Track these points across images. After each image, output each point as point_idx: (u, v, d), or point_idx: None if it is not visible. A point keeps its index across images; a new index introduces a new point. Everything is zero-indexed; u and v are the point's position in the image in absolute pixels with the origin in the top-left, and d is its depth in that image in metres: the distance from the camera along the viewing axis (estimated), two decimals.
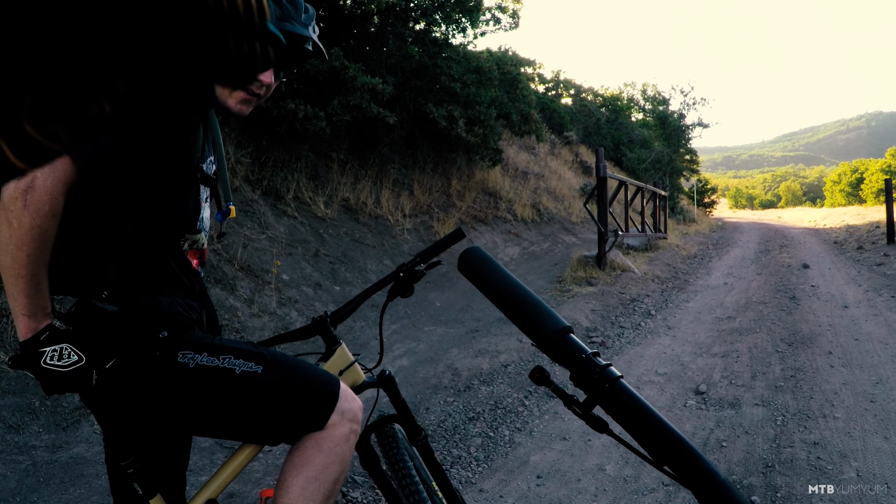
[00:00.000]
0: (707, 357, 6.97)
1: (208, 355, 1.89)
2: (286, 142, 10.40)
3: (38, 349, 1.62)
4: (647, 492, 4.01)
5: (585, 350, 0.91)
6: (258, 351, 1.99)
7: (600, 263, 12.16)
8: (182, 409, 1.90)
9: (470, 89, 12.87)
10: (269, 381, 1.92)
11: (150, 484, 1.94)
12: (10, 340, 5.00)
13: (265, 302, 7.31)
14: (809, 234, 25.22)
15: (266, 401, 1.93)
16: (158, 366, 1.86)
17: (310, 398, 1.97)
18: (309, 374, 2.03)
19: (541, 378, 0.96)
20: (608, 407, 0.87)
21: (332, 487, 1.97)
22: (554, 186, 19.91)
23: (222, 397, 1.89)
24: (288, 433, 1.98)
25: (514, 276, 1.02)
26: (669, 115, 36.02)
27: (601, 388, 0.87)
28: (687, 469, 0.81)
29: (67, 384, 1.66)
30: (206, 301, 2.19)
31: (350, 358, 2.35)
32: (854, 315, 8.60)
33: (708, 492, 0.79)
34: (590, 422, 0.91)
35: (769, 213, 72.84)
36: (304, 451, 1.96)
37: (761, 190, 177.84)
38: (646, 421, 0.84)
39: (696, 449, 0.81)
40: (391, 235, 11.00)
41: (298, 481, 1.92)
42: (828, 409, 5.22)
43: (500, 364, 6.55)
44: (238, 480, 4.04)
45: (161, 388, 1.86)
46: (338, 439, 1.98)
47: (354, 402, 2.08)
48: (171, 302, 1.93)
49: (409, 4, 12.59)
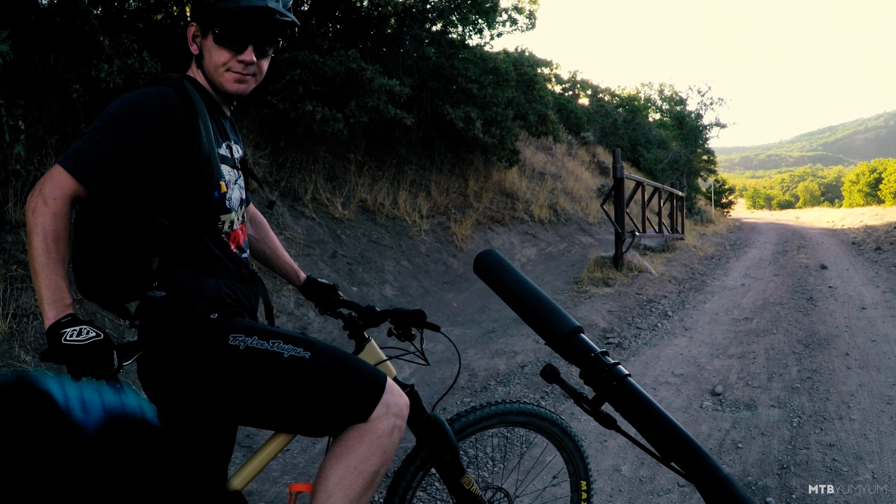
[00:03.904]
0: (723, 358, 6.96)
1: (258, 339, 1.95)
2: (304, 143, 10.45)
3: (59, 330, 1.72)
4: (663, 492, 4.02)
5: (594, 349, 0.94)
6: (307, 338, 2.03)
7: (617, 264, 12.14)
8: (229, 392, 1.94)
9: (487, 90, 12.88)
10: (315, 368, 1.96)
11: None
12: (30, 340, 5.07)
13: (283, 302, 7.36)
14: (827, 234, 25.06)
15: (311, 387, 1.96)
16: (210, 347, 1.92)
17: (355, 389, 2.00)
18: (356, 365, 2.06)
19: (551, 375, 0.99)
20: (616, 404, 0.90)
21: (370, 479, 1.99)
22: (571, 187, 19.88)
23: (270, 381, 1.94)
24: (331, 423, 2.01)
25: (528, 278, 1.06)
26: (687, 116, 35.91)
27: (609, 386, 0.90)
28: (691, 465, 0.84)
29: (89, 363, 1.71)
30: (260, 286, 2.25)
31: (380, 355, 2.37)
32: (871, 316, 8.56)
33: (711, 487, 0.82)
34: (598, 418, 0.94)
35: (787, 213, 72.39)
36: (345, 441, 1.99)
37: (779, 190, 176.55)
38: (652, 418, 0.87)
39: (700, 446, 0.84)
40: (408, 236, 11.03)
41: (337, 470, 1.95)
42: (844, 411, 5.21)
43: (517, 365, 6.57)
44: (255, 479, 4.08)
45: (211, 369, 1.92)
46: (380, 432, 2.00)
47: (401, 397, 2.10)
48: (216, 283, 2.02)
49: (425, 6, 12.61)
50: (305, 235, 8.99)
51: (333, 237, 9.48)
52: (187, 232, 2.00)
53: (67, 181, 1.83)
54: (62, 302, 1.77)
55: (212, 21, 2.03)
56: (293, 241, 8.64)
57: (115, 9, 8.97)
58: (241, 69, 2.08)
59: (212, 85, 2.12)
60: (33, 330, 5.17)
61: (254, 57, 2.08)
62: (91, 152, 1.87)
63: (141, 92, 1.98)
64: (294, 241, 8.66)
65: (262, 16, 2.03)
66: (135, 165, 1.91)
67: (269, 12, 2.04)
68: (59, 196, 1.81)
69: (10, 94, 5.66)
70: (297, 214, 9.36)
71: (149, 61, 6.87)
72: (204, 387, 1.94)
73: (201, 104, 2.04)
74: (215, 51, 2.06)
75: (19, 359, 4.80)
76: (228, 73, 2.08)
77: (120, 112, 1.92)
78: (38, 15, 6.89)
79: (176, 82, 2.06)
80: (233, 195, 2.17)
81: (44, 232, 1.78)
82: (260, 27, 2.07)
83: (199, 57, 2.12)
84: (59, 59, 6.75)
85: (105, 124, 1.90)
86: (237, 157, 2.25)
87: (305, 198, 9.75)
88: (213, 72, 2.09)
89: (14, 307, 5.23)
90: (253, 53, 2.08)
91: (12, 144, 5.60)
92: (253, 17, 2.03)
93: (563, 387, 0.99)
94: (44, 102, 6.77)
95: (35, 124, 6.55)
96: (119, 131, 1.89)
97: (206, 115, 2.04)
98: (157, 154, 1.93)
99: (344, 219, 10.09)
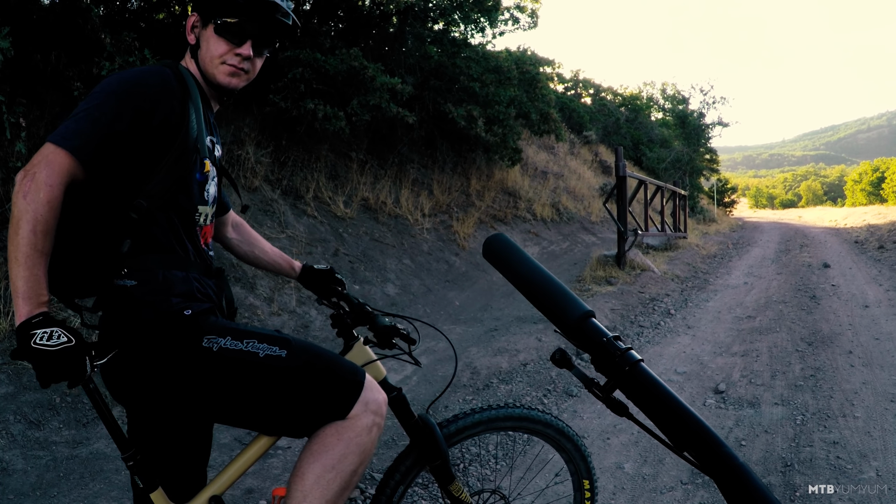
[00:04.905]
0: (727, 356, 6.94)
1: (232, 339, 1.90)
2: (306, 142, 10.44)
3: (29, 331, 1.64)
4: (666, 490, 4.01)
5: (606, 334, 0.92)
6: (283, 336, 1.99)
7: (620, 263, 12.12)
8: (203, 393, 1.90)
9: (489, 89, 12.86)
10: (292, 367, 1.92)
11: (152, 477, 1.91)
12: None
13: (285, 300, 7.35)
14: (830, 233, 25.03)
15: (288, 386, 1.92)
16: (182, 349, 1.87)
17: (333, 385, 1.96)
18: (334, 361, 2.02)
19: (562, 361, 0.97)
20: (628, 391, 0.88)
21: (349, 479, 1.95)
22: (573, 186, 19.86)
23: (244, 381, 1.89)
24: (309, 422, 1.97)
25: (538, 262, 1.04)
26: (689, 115, 35.87)
27: (621, 372, 0.88)
28: (707, 454, 0.81)
29: (59, 368, 1.65)
30: (224, 283, 2.19)
31: (369, 355, 2.33)
32: (875, 314, 8.54)
33: (727, 477, 0.79)
34: (610, 405, 0.92)
35: (790, 212, 72.25)
36: (323, 439, 1.94)
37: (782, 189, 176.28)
38: (665, 405, 0.84)
39: (716, 434, 0.82)
40: (410, 235, 11.02)
41: (315, 469, 1.91)
42: (848, 409, 5.19)
43: (519, 363, 6.55)
44: (255, 477, 4.07)
45: (183, 371, 1.87)
46: (359, 430, 1.96)
47: (379, 393, 2.06)
48: (186, 276, 1.96)
49: (427, 4, 12.60)
50: (307, 234, 8.98)
51: (335, 236, 9.47)
52: (164, 216, 1.94)
53: (66, 161, 1.73)
54: (38, 299, 1.68)
55: (214, 11, 2.02)
56: (295, 239, 8.63)
57: (117, 8, 8.97)
58: (237, 62, 2.07)
59: (204, 77, 2.10)
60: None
61: (251, 52, 2.07)
62: (90, 131, 1.79)
63: (138, 70, 1.95)
64: (296, 239, 8.64)
65: (266, 10, 2.03)
66: (130, 143, 1.86)
67: (274, 8, 2.04)
68: (55, 182, 1.71)
69: (11, 92, 5.65)
70: (299, 213, 9.35)
71: (150, 59, 6.86)
72: (176, 388, 1.89)
73: (195, 89, 2.02)
74: (214, 41, 2.04)
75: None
76: (223, 65, 2.06)
77: (119, 88, 1.86)
78: (39, 13, 6.89)
79: (171, 65, 2.04)
80: (210, 189, 2.13)
81: (34, 221, 1.67)
82: (262, 22, 2.06)
83: (195, 47, 2.10)
84: (60, 57, 6.74)
85: (103, 101, 1.83)
86: (217, 155, 2.22)
87: (307, 196, 9.74)
88: (209, 63, 2.07)
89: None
90: (251, 48, 2.07)
91: (14, 142, 5.59)
92: (257, 10, 2.02)
93: (574, 373, 0.97)
94: (45, 100, 6.76)
95: (36, 122, 6.54)
96: (119, 107, 1.83)
97: (198, 101, 2.02)
98: (149, 133, 1.88)
99: (346, 217, 10.08)
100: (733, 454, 0.80)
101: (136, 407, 2.00)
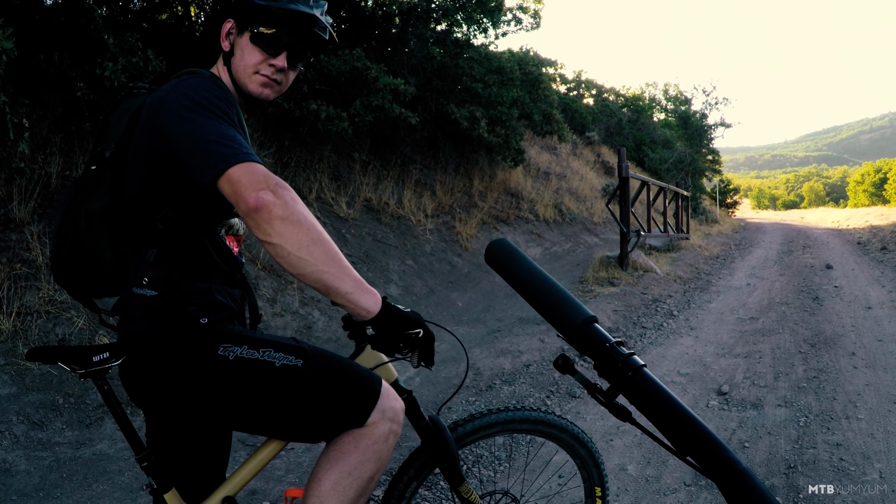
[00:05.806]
0: (729, 358, 6.93)
1: (248, 348, 1.89)
2: (308, 142, 10.45)
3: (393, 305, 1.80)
4: (669, 492, 4.00)
5: (609, 339, 0.92)
6: (299, 345, 1.98)
7: (622, 264, 12.12)
8: (220, 401, 1.90)
9: (492, 90, 12.87)
10: (309, 376, 1.92)
11: (166, 478, 1.93)
12: (33, 338, 5.06)
13: (288, 301, 7.35)
14: (833, 234, 24.99)
15: (306, 395, 1.92)
16: (198, 356, 1.86)
17: (350, 394, 1.95)
18: (350, 369, 2.01)
19: (564, 366, 0.97)
20: (631, 396, 0.88)
21: (365, 486, 1.95)
22: (576, 187, 19.86)
23: (261, 390, 1.89)
24: (326, 429, 1.97)
25: (540, 267, 1.03)
26: (691, 115, 35.82)
27: (624, 377, 0.88)
28: (709, 458, 0.81)
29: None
30: (248, 289, 2.18)
31: (380, 357, 2.31)
32: (878, 316, 8.52)
33: (730, 481, 0.79)
34: (613, 410, 0.91)
35: (792, 213, 72.17)
36: (340, 446, 1.95)
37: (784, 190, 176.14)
38: (668, 410, 0.84)
39: (719, 439, 0.81)
40: (413, 235, 11.02)
41: (331, 476, 1.91)
42: (851, 411, 5.18)
43: (522, 364, 6.55)
44: (259, 478, 4.06)
45: (199, 379, 1.86)
46: (376, 437, 1.96)
47: (396, 401, 2.05)
48: (210, 288, 1.94)
49: (430, 5, 12.61)
50: None
51: (338, 236, 9.47)
52: (190, 227, 1.93)
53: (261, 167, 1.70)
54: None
55: (251, 19, 1.97)
56: None
57: (120, 8, 8.97)
58: (271, 73, 2.01)
59: (235, 85, 2.04)
60: (37, 328, 5.17)
61: (285, 64, 2.02)
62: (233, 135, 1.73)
63: (207, 83, 1.88)
64: None
65: (304, 23, 1.98)
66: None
67: (312, 21, 1.99)
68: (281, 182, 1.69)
69: (14, 92, 5.65)
70: None
71: (153, 59, 6.86)
72: (193, 395, 1.89)
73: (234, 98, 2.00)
74: (248, 50, 1.99)
75: (23, 357, 4.79)
76: (256, 75, 2.01)
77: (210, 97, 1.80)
78: (42, 13, 6.89)
79: (213, 76, 1.98)
80: None
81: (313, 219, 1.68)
82: (299, 35, 2.01)
83: (228, 54, 2.04)
84: (63, 58, 6.75)
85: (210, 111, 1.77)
86: None
87: (310, 197, 9.74)
88: (242, 72, 2.01)
89: (18, 305, 5.22)
90: (286, 60, 2.02)
91: (17, 142, 5.59)
92: (295, 22, 1.97)
93: (576, 378, 0.97)
94: (48, 101, 6.77)
95: (39, 122, 6.55)
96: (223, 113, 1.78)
97: (238, 109, 1.95)
98: None
99: (349, 218, 10.09)
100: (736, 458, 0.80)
101: (154, 412, 2.00)
